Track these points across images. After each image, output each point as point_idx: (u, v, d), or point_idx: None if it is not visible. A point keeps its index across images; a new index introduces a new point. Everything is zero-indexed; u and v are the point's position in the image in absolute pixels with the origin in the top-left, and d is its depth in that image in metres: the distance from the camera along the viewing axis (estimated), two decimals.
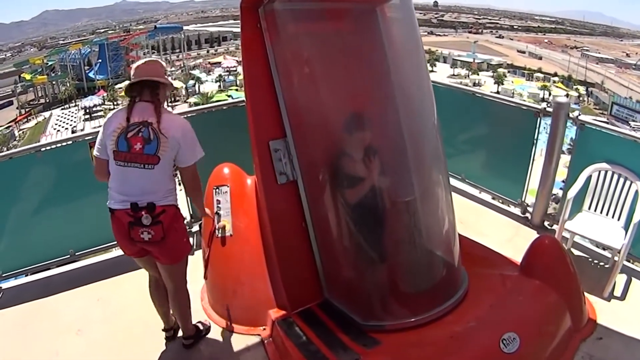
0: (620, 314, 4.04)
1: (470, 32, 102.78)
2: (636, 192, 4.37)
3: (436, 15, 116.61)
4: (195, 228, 5.29)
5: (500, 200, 5.91)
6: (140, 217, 3.13)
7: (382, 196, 3.58)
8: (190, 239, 5.04)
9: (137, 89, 3.18)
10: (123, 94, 3.21)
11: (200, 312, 4.14)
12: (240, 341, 3.83)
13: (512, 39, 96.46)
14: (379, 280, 3.66)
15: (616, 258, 4.39)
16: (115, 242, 4.34)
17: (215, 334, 3.94)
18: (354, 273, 3.74)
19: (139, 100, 3.15)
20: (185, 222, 5.17)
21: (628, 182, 4.47)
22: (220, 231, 3.96)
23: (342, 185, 3.58)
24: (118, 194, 3.15)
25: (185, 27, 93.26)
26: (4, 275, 4.72)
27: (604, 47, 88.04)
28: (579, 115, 4.89)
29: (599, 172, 4.64)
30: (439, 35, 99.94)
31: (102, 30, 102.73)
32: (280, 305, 3.82)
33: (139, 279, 4.49)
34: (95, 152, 3.19)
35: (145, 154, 3.09)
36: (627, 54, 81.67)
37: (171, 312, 3.79)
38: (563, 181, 5.35)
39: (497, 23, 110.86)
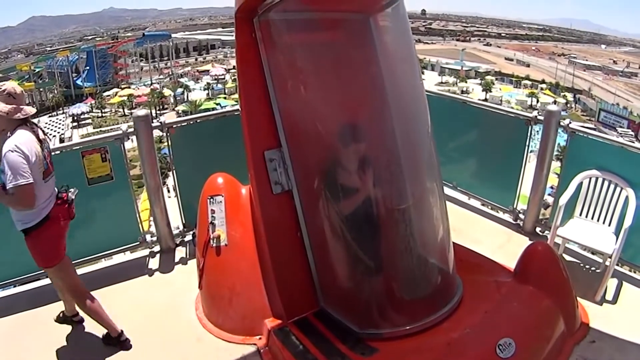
0: (612, 317, 4.10)
1: (458, 40, 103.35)
2: (626, 198, 4.43)
3: (424, 23, 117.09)
4: (188, 237, 5.28)
5: (492, 208, 5.95)
6: (68, 195, 3.66)
7: (377, 205, 3.60)
8: (183, 248, 5.07)
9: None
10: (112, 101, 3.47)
11: (195, 321, 4.14)
12: (236, 351, 3.82)
13: (499, 47, 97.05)
14: (375, 288, 3.67)
15: (607, 263, 4.45)
16: (106, 252, 4.43)
17: (211, 343, 3.92)
18: (350, 282, 3.77)
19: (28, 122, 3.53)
20: (178, 230, 5.21)
21: (618, 189, 4.52)
22: (215, 241, 3.95)
23: (337, 195, 3.60)
24: (45, 201, 3.47)
25: (173, 35, 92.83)
26: None
27: (591, 54, 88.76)
28: (570, 123, 4.93)
29: (590, 178, 4.69)
30: (427, 43, 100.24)
31: (90, 37, 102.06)
32: (276, 314, 3.82)
33: (132, 289, 4.49)
34: (26, 182, 3.22)
35: (52, 162, 3.59)
36: (614, 61, 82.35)
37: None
38: (552, 187, 5.41)
39: (485, 31, 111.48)
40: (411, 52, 3.89)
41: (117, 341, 3.87)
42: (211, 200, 4.02)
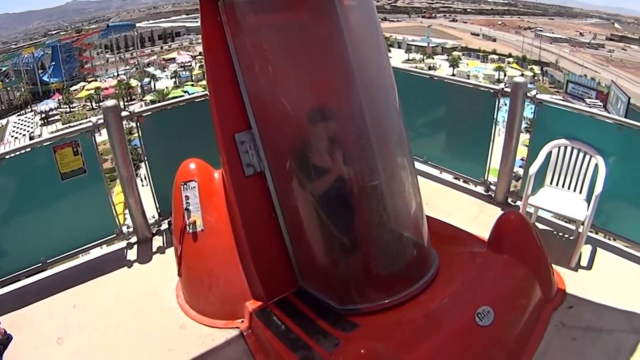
0: (587, 282, 4.19)
1: (423, 17, 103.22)
2: (596, 165, 4.51)
3: (389, 2, 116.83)
4: (164, 226, 5.26)
5: (464, 180, 6.02)
6: None
7: (349, 182, 3.59)
8: (160, 237, 5.04)
9: None
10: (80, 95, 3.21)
11: (176, 309, 4.14)
12: (219, 335, 3.83)
13: (465, 22, 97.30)
14: (351, 264, 3.69)
15: (580, 230, 4.53)
16: (83, 247, 4.38)
17: (194, 330, 3.93)
18: (327, 259, 3.78)
19: None
20: (154, 219, 5.16)
21: (587, 156, 4.60)
22: (191, 227, 3.93)
23: (309, 174, 3.60)
24: None
25: (137, 24, 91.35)
26: None
27: (557, 27, 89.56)
28: (537, 94, 4.99)
29: (559, 147, 4.76)
30: (393, 21, 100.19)
31: (54, 32, 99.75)
32: (256, 296, 3.84)
33: (112, 282, 4.47)
34: None
35: None
36: (580, 33, 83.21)
37: None
38: (522, 159, 5.49)
39: (451, 7, 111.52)
40: (377, 29, 3.88)
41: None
42: (185, 186, 3.99)
